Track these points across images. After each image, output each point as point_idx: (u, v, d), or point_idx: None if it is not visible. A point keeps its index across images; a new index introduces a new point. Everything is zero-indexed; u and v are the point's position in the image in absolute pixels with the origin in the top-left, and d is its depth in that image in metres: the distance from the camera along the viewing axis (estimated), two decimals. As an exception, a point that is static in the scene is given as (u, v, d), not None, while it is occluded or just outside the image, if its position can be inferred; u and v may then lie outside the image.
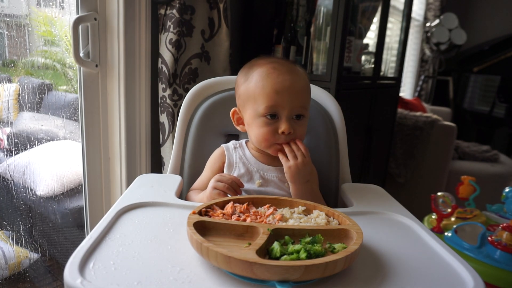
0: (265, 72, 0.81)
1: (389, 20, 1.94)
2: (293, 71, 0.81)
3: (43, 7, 1.17)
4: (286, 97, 0.79)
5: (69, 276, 0.47)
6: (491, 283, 1.14)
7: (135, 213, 0.68)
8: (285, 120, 0.80)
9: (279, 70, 0.80)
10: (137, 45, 1.20)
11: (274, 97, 0.79)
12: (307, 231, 0.58)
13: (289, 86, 0.79)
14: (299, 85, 0.81)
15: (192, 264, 0.52)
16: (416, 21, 3.64)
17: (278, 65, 0.82)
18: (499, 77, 3.71)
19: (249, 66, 0.86)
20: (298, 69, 0.84)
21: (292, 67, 0.82)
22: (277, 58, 0.86)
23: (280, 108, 0.80)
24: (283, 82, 0.79)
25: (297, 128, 0.82)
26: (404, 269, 0.54)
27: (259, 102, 0.80)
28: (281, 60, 0.84)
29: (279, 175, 0.85)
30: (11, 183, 1.19)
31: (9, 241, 1.22)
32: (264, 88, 0.80)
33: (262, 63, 0.83)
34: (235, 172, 0.87)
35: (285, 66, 0.82)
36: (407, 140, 2.44)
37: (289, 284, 0.47)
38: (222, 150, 0.90)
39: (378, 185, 0.92)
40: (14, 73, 1.12)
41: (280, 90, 0.79)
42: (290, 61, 0.86)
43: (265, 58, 0.85)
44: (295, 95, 0.80)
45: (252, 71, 0.83)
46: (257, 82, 0.81)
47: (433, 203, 1.44)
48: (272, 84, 0.79)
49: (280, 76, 0.79)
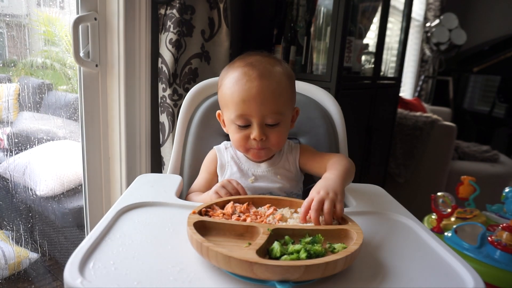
0: (235, 78, 0.77)
1: (389, 20, 1.94)
2: (264, 76, 0.76)
3: (43, 7, 1.17)
4: (253, 105, 0.76)
5: (69, 276, 0.47)
6: (491, 283, 1.14)
7: (135, 213, 0.68)
8: (256, 127, 0.78)
9: (249, 75, 0.76)
10: (137, 45, 1.20)
11: (241, 106, 0.76)
12: (307, 231, 0.58)
13: (256, 94, 0.75)
14: (269, 91, 0.76)
15: (192, 264, 0.52)
16: (416, 21, 3.64)
17: (250, 68, 0.77)
18: (499, 77, 3.71)
19: (227, 68, 0.83)
20: (275, 69, 0.79)
21: (265, 70, 0.77)
22: (255, 58, 0.80)
23: (249, 116, 0.77)
24: (250, 90, 0.75)
25: (271, 134, 0.79)
26: (404, 269, 0.54)
27: (230, 110, 0.79)
28: (257, 61, 0.79)
29: (270, 169, 0.86)
30: (11, 183, 1.19)
31: (9, 241, 1.22)
32: (232, 97, 0.77)
33: (236, 66, 0.80)
34: (227, 171, 0.87)
35: (258, 69, 0.77)
36: (407, 140, 2.44)
37: (289, 284, 0.47)
38: (214, 152, 0.91)
39: (378, 185, 0.92)
40: (14, 73, 1.12)
41: (247, 98, 0.75)
42: (269, 60, 0.80)
43: (244, 57, 0.81)
44: (264, 102, 0.76)
45: (226, 76, 0.81)
46: (228, 89, 0.79)
47: (433, 203, 1.44)
48: (239, 92, 0.76)
49: (247, 83, 0.76)
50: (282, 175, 0.85)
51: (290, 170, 0.87)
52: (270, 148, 0.82)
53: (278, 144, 0.81)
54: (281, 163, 0.87)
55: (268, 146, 0.81)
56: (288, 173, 0.86)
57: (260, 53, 0.83)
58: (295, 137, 1.01)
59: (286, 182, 0.85)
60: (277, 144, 0.81)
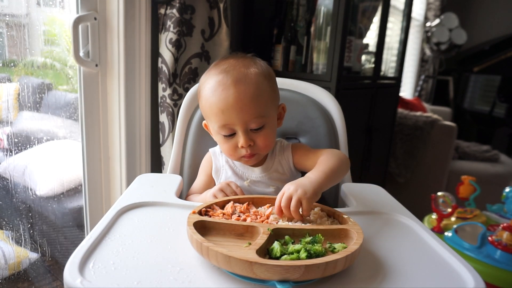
0: (211, 89, 0.76)
1: (389, 20, 1.94)
2: (239, 81, 0.74)
3: (43, 7, 1.17)
4: (233, 114, 0.74)
5: (69, 275, 0.47)
6: (491, 283, 1.14)
7: (135, 213, 0.68)
8: (241, 135, 0.76)
9: (224, 84, 0.74)
10: (137, 45, 1.20)
11: (221, 116, 0.75)
12: (307, 231, 0.58)
13: (234, 102, 0.73)
14: (247, 96, 0.73)
15: (192, 264, 0.52)
16: (416, 21, 3.64)
17: (225, 75, 0.75)
18: (499, 77, 3.71)
19: (203, 76, 0.81)
20: (251, 72, 0.76)
21: (240, 74, 0.75)
22: (228, 63, 0.77)
23: (232, 125, 0.76)
24: (227, 99, 0.73)
25: (257, 138, 0.78)
26: (404, 269, 0.54)
27: (212, 122, 0.78)
28: (231, 66, 0.76)
29: (265, 173, 0.85)
30: (11, 183, 1.19)
31: (9, 241, 1.22)
32: (211, 108, 0.76)
33: (211, 74, 0.77)
34: (222, 175, 0.87)
35: (232, 75, 0.74)
36: (407, 140, 2.44)
37: (289, 284, 0.47)
38: (209, 155, 0.91)
39: (378, 185, 0.92)
40: (14, 73, 1.12)
41: (225, 108, 0.74)
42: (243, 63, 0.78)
43: (219, 63, 0.79)
44: (244, 109, 0.74)
45: (203, 86, 0.79)
46: (206, 101, 0.77)
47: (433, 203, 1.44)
48: (217, 103, 0.74)
49: (223, 92, 0.74)
50: (276, 179, 0.85)
51: (284, 173, 0.86)
52: (260, 153, 0.81)
53: (267, 147, 0.80)
54: (274, 167, 0.86)
55: (257, 151, 0.79)
56: (283, 176, 0.86)
57: (235, 55, 0.81)
58: (295, 137, 1.01)
59: (282, 185, 0.85)
60: (265, 147, 0.80)
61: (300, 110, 0.99)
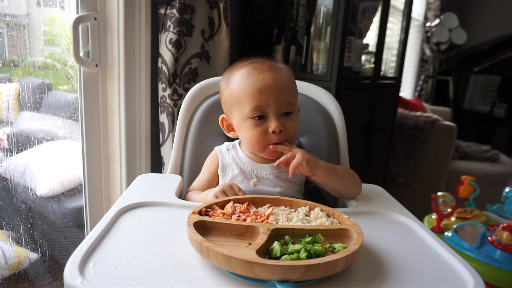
0: (246, 72, 0.79)
1: (389, 20, 1.94)
2: (274, 68, 0.79)
3: (43, 7, 1.17)
4: (270, 95, 0.77)
5: (69, 276, 0.47)
6: (491, 283, 1.14)
7: (135, 213, 0.68)
8: (273, 119, 0.78)
9: (259, 68, 0.78)
10: (137, 45, 1.20)
11: (258, 96, 0.77)
12: (307, 231, 0.58)
13: (271, 83, 0.77)
14: (282, 81, 0.78)
15: (192, 264, 0.52)
16: (416, 21, 3.64)
17: (258, 64, 0.80)
18: (499, 77, 3.71)
19: (230, 70, 0.84)
20: (280, 65, 0.82)
21: (272, 64, 0.80)
22: (257, 58, 0.83)
23: (266, 107, 0.77)
24: (265, 80, 0.77)
25: (288, 124, 0.80)
26: (404, 269, 0.54)
27: (244, 104, 0.78)
28: (261, 59, 0.82)
29: (274, 171, 0.85)
30: (11, 183, 1.19)
31: (9, 241, 1.22)
32: (246, 89, 0.77)
33: (241, 65, 0.81)
34: (229, 173, 0.86)
35: (265, 64, 0.80)
36: (407, 140, 2.44)
37: (289, 284, 0.47)
38: (215, 153, 0.90)
39: (378, 185, 0.92)
40: (14, 73, 1.12)
41: (263, 88, 0.76)
42: (271, 59, 0.84)
43: (244, 60, 0.83)
44: (279, 92, 0.77)
45: (233, 75, 0.81)
46: (239, 84, 0.79)
47: (433, 203, 1.44)
48: (254, 84, 0.77)
49: (260, 74, 0.77)
50: (284, 179, 0.85)
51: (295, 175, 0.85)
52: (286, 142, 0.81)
53: (294, 136, 0.82)
54: None
55: (287, 137, 0.80)
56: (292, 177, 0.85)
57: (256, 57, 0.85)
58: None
59: (289, 186, 0.85)
60: (293, 135, 0.82)
61: (300, 110, 0.99)
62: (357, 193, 0.83)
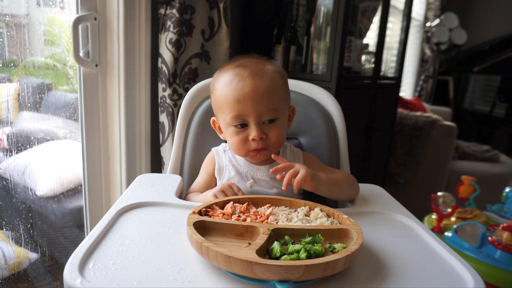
0: (227, 79, 0.77)
1: (389, 20, 1.94)
2: (256, 74, 0.76)
3: (43, 7, 1.17)
4: (249, 104, 0.75)
5: (69, 276, 0.47)
6: (491, 283, 1.14)
7: (135, 213, 0.68)
8: (254, 127, 0.77)
9: (241, 75, 0.76)
10: (137, 45, 1.20)
11: (236, 106, 0.76)
12: (307, 231, 0.58)
13: (249, 92, 0.75)
14: (263, 88, 0.75)
15: (192, 264, 0.52)
16: (416, 21, 3.64)
17: (242, 68, 0.77)
18: (499, 77, 3.71)
19: (218, 73, 0.83)
20: (267, 68, 0.79)
21: (257, 68, 0.77)
22: (245, 60, 0.81)
23: (246, 116, 0.77)
24: (243, 88, 0.75)
25: (270, 132, 0.78)
26: (404, 269, 0.54)
27: (226, 112, 0.78)
28: (248, 62, 0.79)
29: (270, 173, 0.85)
30: (11, 183, 1.19)
31: (9, 241, 1.22)
32: (226, 98, 0.77)
33: (227, 68, 0.80)
34: (225, 175, 0.86)
35: (249, 68, 0.77)
36: (407, 140, 2.44)
37: (289, 284, 0.47)
38: (212, 154, 0.90)
39: (378, 185, 0.92)
40: (14, 73, 1.12)
41: (241, 98, 0.75)
42: (259, 60, 0.81)
43: (234, 60, 0.82)
44: (259, 100, 0.75)
45: (218, 79, 0.81)
46: (221, 91, 0.78)
47: (433, 203, 1.44)
48: (233, 93, 0.76)
49: (240, 82, 0.76)
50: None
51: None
52: (270, 149, 0.80)
53: (278, 142, 0.80)
54: None
55: (268, 145, 0.79)
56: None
57: (250, 55, 0.83)
58: (295, 137, 1.01)
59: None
60: (277, 142, 0.80)
61: (300, 110, 0.99)
62: (355, 197, 0.83)
